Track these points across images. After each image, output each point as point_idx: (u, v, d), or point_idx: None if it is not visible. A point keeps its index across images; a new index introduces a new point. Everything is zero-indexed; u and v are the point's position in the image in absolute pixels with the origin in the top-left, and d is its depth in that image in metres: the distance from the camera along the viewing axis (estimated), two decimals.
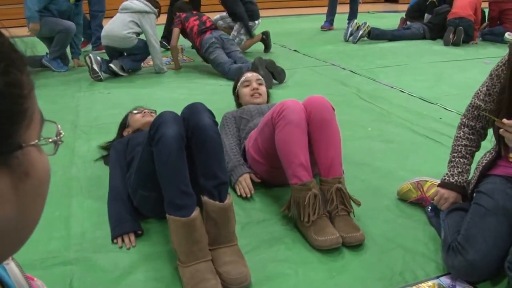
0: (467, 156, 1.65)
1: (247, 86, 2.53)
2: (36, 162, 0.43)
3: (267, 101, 2.57)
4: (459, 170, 1.64)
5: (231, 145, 2.12)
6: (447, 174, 1.67)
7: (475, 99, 1.65)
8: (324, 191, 1.70)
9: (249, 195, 1.94)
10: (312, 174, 1.70)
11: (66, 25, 4.18)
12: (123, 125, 2.35)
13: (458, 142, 1.67)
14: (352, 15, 6.44)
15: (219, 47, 4.11)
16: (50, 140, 0.46)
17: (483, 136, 1.68)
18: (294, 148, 1.70)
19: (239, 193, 1.95)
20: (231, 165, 2.03)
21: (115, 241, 1.66)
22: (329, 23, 6.61)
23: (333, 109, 1.83)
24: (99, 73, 3.95)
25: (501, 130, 1.36)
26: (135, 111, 2.33)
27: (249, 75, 2.59)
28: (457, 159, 1.66)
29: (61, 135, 0.48)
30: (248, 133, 2.16)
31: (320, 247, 1.58)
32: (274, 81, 3.74)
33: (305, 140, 1.73)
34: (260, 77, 2.58)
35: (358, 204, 1.73)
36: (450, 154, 1.69)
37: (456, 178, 1.64)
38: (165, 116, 1.51)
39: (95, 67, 3.92)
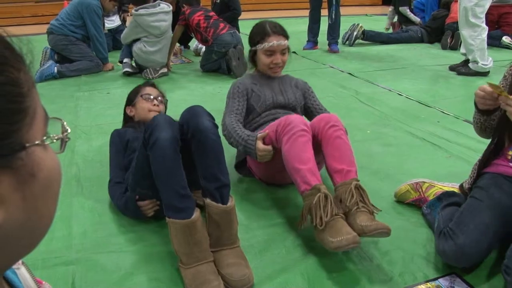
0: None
1: (270, 56, 2.17)
2: (42, 161, 0.41)
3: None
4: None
5: (233, 126, 2.00)
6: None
7: None
8: (342, 193, 1.62)
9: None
10: (321, 180, 1.64)
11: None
12: (130, 100, 2.21)
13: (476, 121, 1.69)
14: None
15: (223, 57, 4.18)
16: (56, 137, 0.44)
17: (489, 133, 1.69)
18: (301, 158, 1.67)
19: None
20: (241, 148, 1.94)
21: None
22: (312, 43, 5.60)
23: (345, 130, 1.85)
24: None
25: (502, 104, 1.41)
26: (145, 95, 2.15)
27: (275, 43, 2.15)
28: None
29: (67, 132, 0.46)
30: (251, 123, 2.13)
31: (337, 249, 1.44)
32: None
33: (310, 150, 1.71)
34: (284, 42, 2.22)
35: (378, 211, 1.64)
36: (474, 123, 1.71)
37: None
38: (159, 119, 1.52)
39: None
